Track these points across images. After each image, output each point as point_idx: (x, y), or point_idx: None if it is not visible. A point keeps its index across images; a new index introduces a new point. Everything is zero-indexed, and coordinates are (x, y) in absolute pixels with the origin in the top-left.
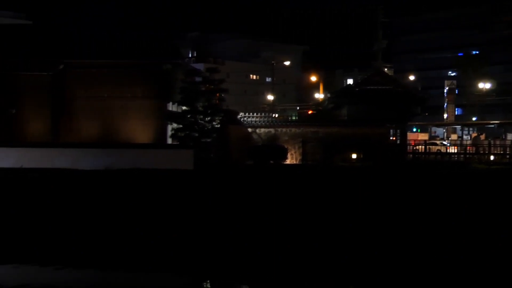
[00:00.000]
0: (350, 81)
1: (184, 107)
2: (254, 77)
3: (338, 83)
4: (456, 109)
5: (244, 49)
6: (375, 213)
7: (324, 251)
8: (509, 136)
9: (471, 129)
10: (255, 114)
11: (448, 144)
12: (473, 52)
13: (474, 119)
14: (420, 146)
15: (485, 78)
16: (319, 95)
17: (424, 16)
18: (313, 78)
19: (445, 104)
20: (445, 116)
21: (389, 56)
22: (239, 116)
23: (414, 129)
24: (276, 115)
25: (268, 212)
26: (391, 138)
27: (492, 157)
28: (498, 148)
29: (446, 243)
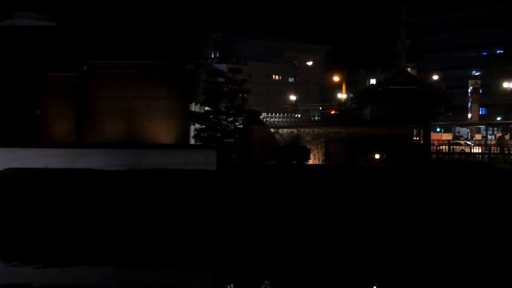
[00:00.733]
0: (373, 81)
1: (206, 108)
2: (277, 77)
3: (361, 83)
4: (480, 108)
5: (266, 49)
6: (400, 214)
7: (349, 251)
8: None
9: (495, 128)
10: (277, 114)
11: (472, 144)
12: (498, 51)
13: (498, 118)
14: (443, 146)
15: (509, 77)
16: (342, 95)
17: (448, 15)
18: (336, 78)
19: (469, 103)
20: (469, 116)
21: (413, 55)
22: (261, 117)
23: (438, 129)
24: (299, 115)
25: (291, 213)
26: (415, 138)
27: None
28: None
29: (472, 243)
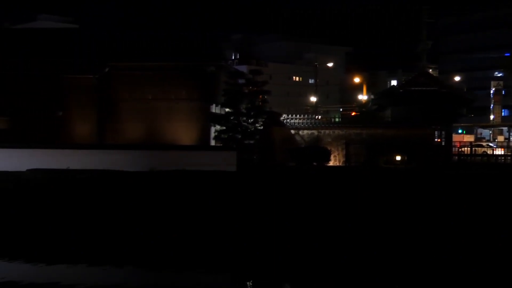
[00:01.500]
0: (394, 82)
1: (227, 109)
2: (297, 78)
3: (382, 84)
4: (502, 110)
5: (287, 50)
6: (423, 216)
7: (372, 252)
8: None
9: None
10: (298, 115)
11: (495, 146)
12: None
13: None
14: (465, 148)
15: None
16: (363, 97)
17: (470, 15)
18: (357, 80)
19: (492, 105)
20: (492, 117)
21: (434, 56)
22: (282, 118)
23: (460, 131)
24: (319, 117)
25: (311, 213)
26: (436, 139)
27: None
28: None
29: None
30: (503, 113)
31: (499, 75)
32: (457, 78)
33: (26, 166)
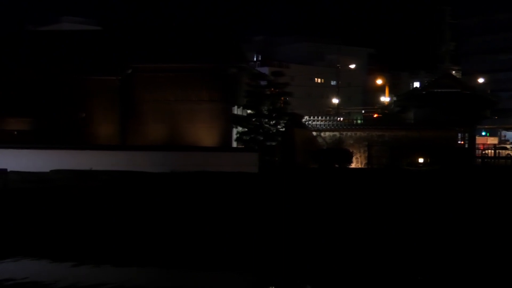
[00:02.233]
0: (416, 84)
1: (249, 111)
2: (319, 80)
3: (404, 85)
4: None
5: (308, 52)
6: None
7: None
8: None
9: None
10: (320, 117)
11: None
12: None
13: None
14: (489, 150)
15: None
16: (385, 98)
17: (493, 16)
18: (379, 81)
19: None
20: None
21: (457, 58)
22: (303, 120)
23: (483, 133)
24: (341, 119)
25: (334, 215)
26: (459, 142)
27: None
28: None
29: None
30: None
31: None
32: (480, 80)
33: (50, 166)
